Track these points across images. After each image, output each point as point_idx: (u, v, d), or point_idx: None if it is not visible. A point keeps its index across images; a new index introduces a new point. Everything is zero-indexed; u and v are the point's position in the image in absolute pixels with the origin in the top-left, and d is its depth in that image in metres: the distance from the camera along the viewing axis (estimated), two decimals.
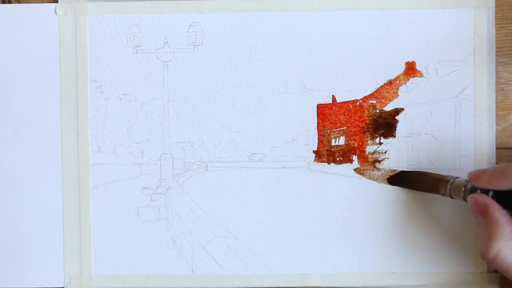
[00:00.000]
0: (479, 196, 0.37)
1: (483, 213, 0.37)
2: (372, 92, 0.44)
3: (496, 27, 0.43)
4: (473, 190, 0.38)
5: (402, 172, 0.44)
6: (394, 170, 0.44)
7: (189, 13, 0.44)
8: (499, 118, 0.44)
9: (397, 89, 0.44)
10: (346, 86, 0.44)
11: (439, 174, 0.41)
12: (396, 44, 0.44)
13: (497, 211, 0.36)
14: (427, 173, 0.42)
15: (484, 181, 0.37)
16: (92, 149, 0.45)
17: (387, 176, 0.44)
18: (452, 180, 0.40)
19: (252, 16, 0.44)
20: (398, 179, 0.44)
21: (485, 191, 0.37)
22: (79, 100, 0.45)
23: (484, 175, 0.37)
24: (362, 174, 0.44)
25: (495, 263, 0.35)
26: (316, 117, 0.44)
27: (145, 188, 0.45)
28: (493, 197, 0.37)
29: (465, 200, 0.39)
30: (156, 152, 0.45)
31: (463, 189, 0.38)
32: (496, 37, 0.43)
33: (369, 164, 0.44)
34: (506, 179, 0.36)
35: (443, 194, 0.40)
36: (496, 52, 0.43)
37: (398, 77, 0.44)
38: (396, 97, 0.44)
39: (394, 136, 0.44)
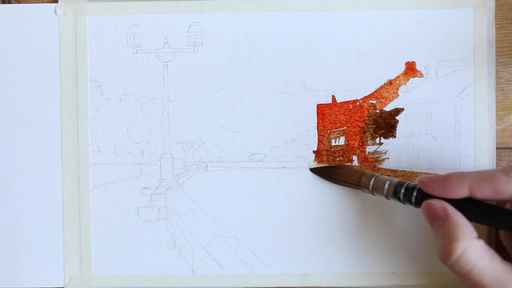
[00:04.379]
0: (436, 201, 0.36)
1: (441, 217, 0.36)
2: (372, 92, 0.44)
3: (496, 27, 0.43)
4: (399, 187, 0.39)
5: (322, 167, 0.44)
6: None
7: (189, 13, 0.44)
8: (499, 118, 0.44)
9: (397, 89, 0.44)
10: (346, 86, 0.44)
11: (360, 169, 0.43)
12: (396, 44, 0.44)
13: (456, 213, 0.36)
14: (348, 166, 0.43)
15: (435, 186, 0.37)
16: (92, 149, 0.45)
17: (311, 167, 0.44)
18: (374, 177, 0.40)
19: (252, 16, 0.44)
20: (320, 170, 0.44)
21: (409, 196, 0.38)
22: (79, 100, 0.45)
23: (437, 180, 0.37)
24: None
25: (458, 265, 0.34)
26: (316, 117, 0.44)
27: (145, 188, 0.45)
28: None
29: (387, 198, 0.40)
30: (156, 152, 0.45)
31: (386, 187, 0.39)
32: (496, 37, 0.43)
33: (369, 164, 0.44)
34: (460, 187, 0.35)
35: (363, 190, 0.41)
36: (496, 52, 0.43)
37: (398, 77, 0.44)
38: (396, 97, 0.44)
39: (394, 136, 0.44)
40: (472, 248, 0.34)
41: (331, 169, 0.44)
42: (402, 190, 0.39)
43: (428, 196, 0.37)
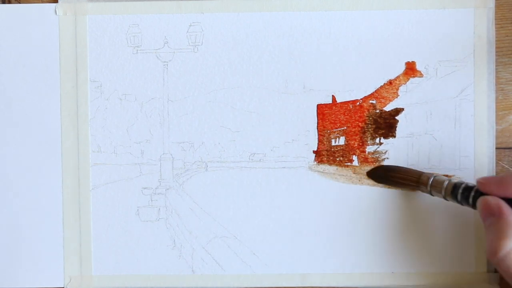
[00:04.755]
0: (492, 198, 0.37)
1: (495, 214, 0.37)
2: (372, 92, 0.44)
3: (496, 27, 0.43)
4: (457, 187, 0.39)
5: (381, 166, 0.44)
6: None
7: (189, 13, 0.44)
8: (499, 118, 0.44)
9: (397, 89, 0.44)
10: (346, 86, 0.44)
11: (418, 171, 0.42)
12: (396, 44, 0.44)
13: (510, 212, 0.36)
14: (407, 169, 0.43)
15: (493, 185, 0.37)
16: (92, 149, 0.45)
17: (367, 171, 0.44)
18: (432, 178, 0.40)
19: (252, 16, 0.44)
20: (377, 173, 0.44)
21: (466, 196, 0.38)
22: (79, 100, 0.45)
23: (494, 181, 0.37)
24: (362, 174, 0.44)
25: (504, 263, 0.35)
26: (316, 117, 0.44)
27: (145, 188, 0.45)
28: None
29: (445, 199, 0.40)
30: (156, 152, 0.45)
31: (444, 186, 0.39)
32: (496, 37, 0.43)
33: (369, 164, 0.44)
34: None
35: (422, 191, 0.41)
36: (496, 52, 0.43)
37: (398, 77, 0.44)
38: (396, 97, 0.44)
39: (394, 136, 0.44)
40: None
41: (387, 171, 0.43)
42: (460, 190, 0.39)
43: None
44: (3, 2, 0.45)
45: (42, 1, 0.45)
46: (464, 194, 0.39)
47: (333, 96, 0.44)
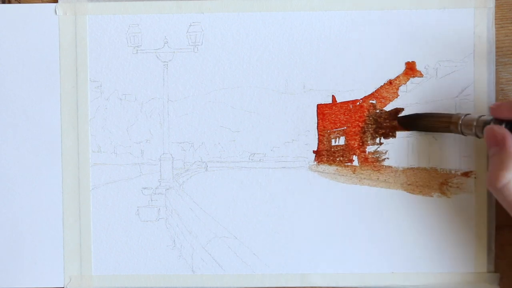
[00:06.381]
0: (497, 127, 0.37)
1: (499, 144, 0.37)
2: (372, 92, 0.44)
3: (496, 27, 0.43)
4: (486, 124, 0.38)
5: (410, 115, 0.43)
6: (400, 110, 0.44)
7: (189, 13, 0.44)
8: None
9: (397, 89, 0.44)
10: (346, 86, 0.44)
11: (449, 113, 0.41)
12: (396, 44, 0.44)
13: None
14: (437, 113, 0.43)
15: (505, 110, 0.38)
16: (92, 149, 0.45)
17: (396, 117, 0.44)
18: (463, 117, 0.40)
19: (252, 16, 0.44)
20: (408, 120, 0.43)
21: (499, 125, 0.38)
22: (79, 100, 0.45)
23: (506, 104, 0.38)
24: (362, 174, 0.44)
25: (502, 193, 0.36)
26: (316, 117, 0.44)
27: (145, 188, 0.45)
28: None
29: (477, 136, 0.39)
30: (156, 152, 0.45)
31: (475, 123, 0.39)
32: (496, 37, 0.43)
33: (369, 164, 0.44)
34: None
35: (453, 131, 0.40)
36: (496, 52, 0.43)
37: (398, 77, 0.44)
38: (396, 97, 0.44)
39: (394, 136, 0.44)
40: None
41: (417, 119, 0.43)
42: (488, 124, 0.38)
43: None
44: (3, 2, 0.45)
45: (42, 1, 0.45)
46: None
47: (333, 96, 0.44)
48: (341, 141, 0.44)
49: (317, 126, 0.44)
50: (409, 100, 0.44)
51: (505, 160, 0.36)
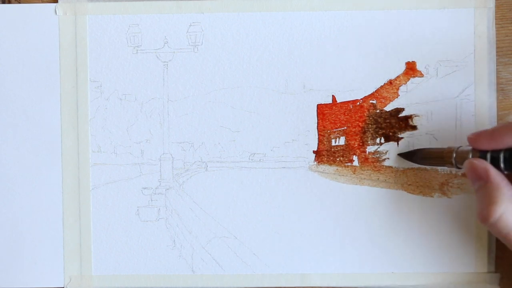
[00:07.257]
0: (477, 161, 0.36)
1: (482, 178, 0.36)
2: (372, 92, 0.44)
3: (496, 27, 0.43)
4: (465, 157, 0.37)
5: (411, 151, 0.43)
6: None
7: (189, 13, 0.44)
8: (499, 118, 0.44)
9: (397, 89, 0.44)
10: (346, 86, 0.44)
11: (442, 148, 0.41)
12: (396, 44, 0.44)
13: (497, 175, 0.35)
14: (429, 149, 0.42)
15: (485, 141, 0.36)
16: (92, 149, 0.45)
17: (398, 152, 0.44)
18: (455, 149, 0.39)
19: (252, 16, 0.44)
20: (408, 156, 0.43)
21: (483, 157, 0.37)
22: (79, 100, 0.45)
23: (485, 134, 0.36)
24: (362, 174, 0.44)
25: (496, 228, 0.35)
26: (316, 117, 0.44)
27: (145, 188, 0.45)
28: (491, 162, 0.36)
29: (457, 167, 0.39)
30: (156, 152, 0.45)
31: (454, 155, 0.38)
32: (496, 37, 0.43)
33: (369, 164, 0.44)
34: (509, 136, 0.35)
35: (450, 167, 0.40)
36: (496, 52, 0.43)
37: (398, 77, 0.44)
38: (397, 97, 0.44)
39: (395, 140, 0.44)
40: (510, 212, 0.34)
41: (412, 156, 0.43)
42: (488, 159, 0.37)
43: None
44: (3, 2, 0.45)
45: (42, 1, 0.45)
46: (493, 162, 0.37)
47: (333, 96, 0.44)
48: (341, 141, 0.44)
49: (317, 126, 0.44)
50: (410, 100, 0.44)
51: (492, 194, 0.35)
